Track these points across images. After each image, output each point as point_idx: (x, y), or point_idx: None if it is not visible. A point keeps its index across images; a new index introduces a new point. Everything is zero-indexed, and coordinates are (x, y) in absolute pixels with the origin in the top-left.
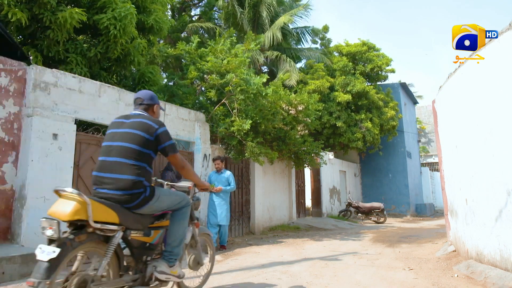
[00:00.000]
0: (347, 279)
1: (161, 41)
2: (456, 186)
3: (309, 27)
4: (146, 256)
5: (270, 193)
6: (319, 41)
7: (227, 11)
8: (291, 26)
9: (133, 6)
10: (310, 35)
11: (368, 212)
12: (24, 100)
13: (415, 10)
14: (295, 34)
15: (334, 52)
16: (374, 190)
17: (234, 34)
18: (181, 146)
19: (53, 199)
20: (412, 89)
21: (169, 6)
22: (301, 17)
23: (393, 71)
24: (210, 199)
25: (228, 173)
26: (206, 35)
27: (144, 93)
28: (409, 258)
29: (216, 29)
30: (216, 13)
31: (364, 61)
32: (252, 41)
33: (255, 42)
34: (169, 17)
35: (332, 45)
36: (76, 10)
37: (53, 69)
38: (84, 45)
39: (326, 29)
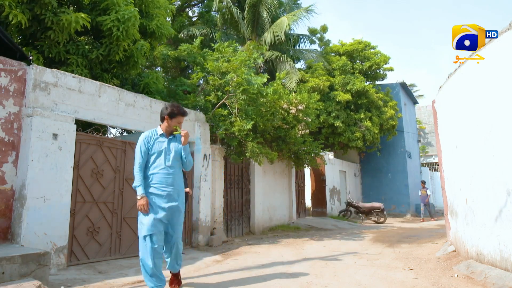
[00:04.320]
0: (347, 279)
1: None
2: (456, 186)
3: (308, 35)
4: None
5: (270, 193)
6: (317, 42)
7: (224, 13)
8: (294, 33)
9: (136, 9)
10: (308, 36)
11: (368, 212)
12: (24, 100)
13: (416, 10)
14: (294, 36)
15: (331, 53)
16: (374, 190)
17: (234, 37)
18: None
19: (53, 199)
20: (413, 88)
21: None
22: (301, 18)
23: (391, 69)
24: (151, 197)
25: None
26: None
27: None
28: (409, 258)
29: (214, 34)
30: (215, 13)
31: (362, 59)
32: (253, 49)
33: (257, 53)
34: (168, 19)
35: (330, 45)
36: (82, 15)
37: (53, 69)
38: (86, 46)
39: (324, 29)
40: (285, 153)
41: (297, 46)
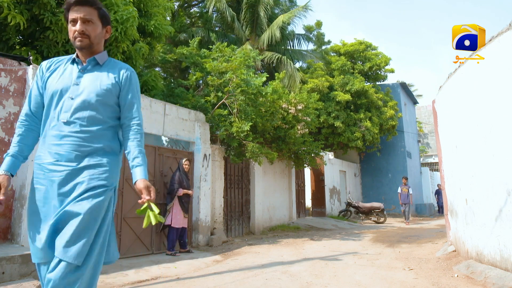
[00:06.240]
0: (347, 279)
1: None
2: (456, 186)
3: (305, 33)
4: None
5: (270, 193)
6: (314, 39)
7: (223, 13)
8: (291, 32)
9: (135, 9)
10: (306, 35)
11: (368, 212)
12: (24, 100)
13: (416, 10)
14: (292, 35)
15: (332, 53)
16: (374, 190)
17: (233, 37)
18: (181, 146)
19: None
20: (412, 88)
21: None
22: (299, 17)
23: (392, 71)
24: (35, 186)
25: (122, 72)
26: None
27: None
28: (409, 258)
29: (211, 35)
30: (216, 13)
31: (363, 60)
32: (250, 51)
33: (253, 52)
34: (168, 18)
35: (330, 45)
36: None
37: None
38: None
39: (319, 25)
40: (285, 153)
41: (295, 46)
